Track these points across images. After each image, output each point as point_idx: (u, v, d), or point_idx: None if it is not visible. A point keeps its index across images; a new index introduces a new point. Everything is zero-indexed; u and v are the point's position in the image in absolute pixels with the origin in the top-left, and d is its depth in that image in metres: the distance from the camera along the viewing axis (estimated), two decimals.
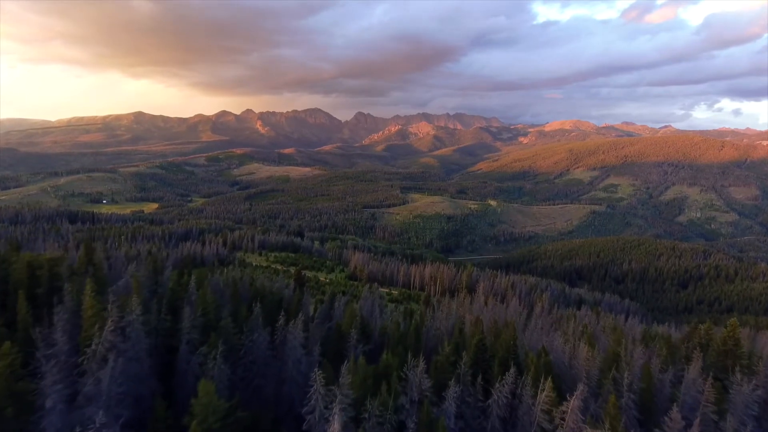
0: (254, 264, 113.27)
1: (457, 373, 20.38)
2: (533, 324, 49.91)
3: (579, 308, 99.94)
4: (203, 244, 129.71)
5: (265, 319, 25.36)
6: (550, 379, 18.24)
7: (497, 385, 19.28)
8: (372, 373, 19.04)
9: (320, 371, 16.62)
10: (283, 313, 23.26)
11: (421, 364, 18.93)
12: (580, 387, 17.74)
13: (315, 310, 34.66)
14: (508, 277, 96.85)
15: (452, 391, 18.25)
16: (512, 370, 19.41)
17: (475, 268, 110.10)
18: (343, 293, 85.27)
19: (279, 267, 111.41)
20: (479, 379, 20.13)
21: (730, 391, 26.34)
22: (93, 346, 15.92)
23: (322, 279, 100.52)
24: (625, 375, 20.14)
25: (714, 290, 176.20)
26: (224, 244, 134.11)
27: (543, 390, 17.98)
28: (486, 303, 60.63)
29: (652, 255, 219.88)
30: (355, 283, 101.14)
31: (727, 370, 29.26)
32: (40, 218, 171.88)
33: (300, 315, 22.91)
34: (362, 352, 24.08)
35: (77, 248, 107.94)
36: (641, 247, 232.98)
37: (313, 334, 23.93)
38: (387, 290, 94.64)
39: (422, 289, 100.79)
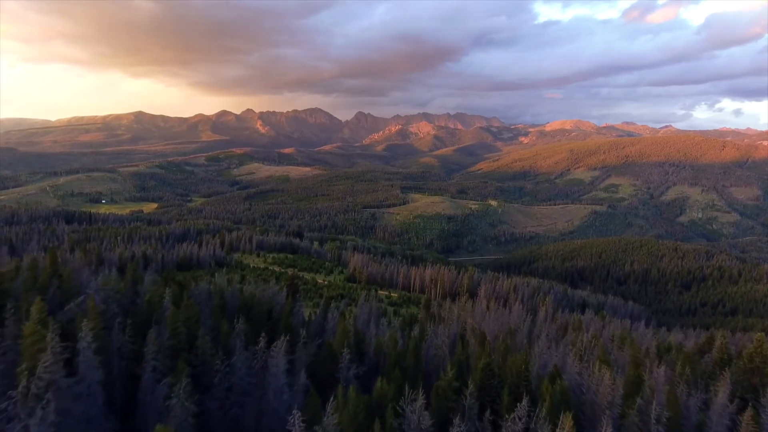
0: (252, 265, 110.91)
1: (461, 404, 17.93)
2: (538, 330, 47.56)
3: (583, 312, 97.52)
4: (200, 245, 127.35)
5: (249, 336, 22.83)
6: (570, 414, 15.76)
7: (508, 420, 16.83)
8: (364, 407, 16.58)
9: (299, 413, 14.05)
10: (264, 334, 20.67)
11: (421, 398, 16.42)
12: (605, 423, 15.29)
13: (309, 319, 32.17)
14: (510, 279, 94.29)
15: (456, 431, 15.74)
16: (525, 400, 16.95)
17: (477, 270, 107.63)
18: (342, 296, 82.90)
19: (276, 269, 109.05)
20: (487, 413, 17.64)
21: (762, 415, 23.90)
22: (22, 386, 13.29)
23: (320, 281, 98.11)
24: (653, 407, 17.70)
25: (717, 292, 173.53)
26: (222, 245, 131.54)
27: (563, 429, 15.55)
28: (488, 308, 58.21)
29: (655, 256, 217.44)
30: (354, 285, 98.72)
31: (755, 390, 26.85)
32: (36, 218, 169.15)
33: (283, 337, 20.23)
34: (355, 375, 21.62)
35: (72, 250, 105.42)
36: (643, 248, 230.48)
37: (299, 356, 21.39)
38: (386, 293, 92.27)
39: (422, 291, 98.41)
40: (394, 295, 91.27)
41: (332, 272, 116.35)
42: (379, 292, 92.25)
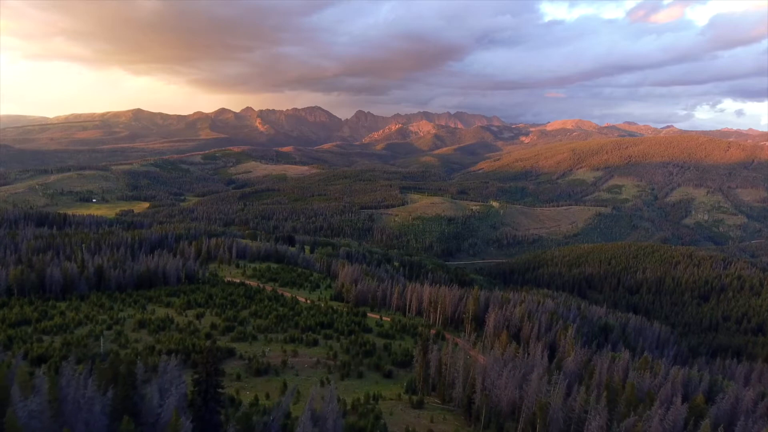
0: (226, 280, 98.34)
1: None
2: (579, 407, 34.79)
3: (606, 337, 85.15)
4: (174, 254, 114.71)
5: None
6: None
7: None
8: None
9: None
10: None
11: None
12: None
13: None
14: (522, 302, 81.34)
15: None
16: None
17: (482, 290, 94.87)
18: (321, 326, 70.13)
19: (254, 283, 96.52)
20: None
21: None
22: None
23: (302, 299, 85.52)
24: None
25: (740, 304, 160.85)
26: (197, 254, 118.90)
27: None
28: (503, 352, 45.56)
29: (668, 263, 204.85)
30: (340, 305, 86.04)
31: None
32: (3, 222, 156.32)
33: None
34: None
35: (18, 262, 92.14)
36: (655, 254, 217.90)
37: None
38: (378, 316, 79.56)
39: (420, 313, 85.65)
40: (387, 319, 78.52)
41: (318, 287, 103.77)
42: (369, 315, 79.48)
